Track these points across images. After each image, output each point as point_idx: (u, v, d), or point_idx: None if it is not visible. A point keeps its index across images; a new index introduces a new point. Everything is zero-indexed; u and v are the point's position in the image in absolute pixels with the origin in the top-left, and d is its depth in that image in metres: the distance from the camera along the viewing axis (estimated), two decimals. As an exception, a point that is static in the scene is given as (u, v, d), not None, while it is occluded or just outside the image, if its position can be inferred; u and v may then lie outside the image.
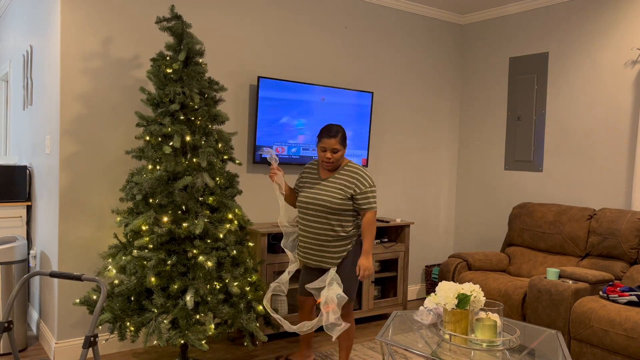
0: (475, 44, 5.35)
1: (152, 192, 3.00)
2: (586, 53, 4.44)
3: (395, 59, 4.97)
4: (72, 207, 3.43)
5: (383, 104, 4.93)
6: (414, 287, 5.29)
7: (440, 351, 2.54)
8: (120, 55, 3.56)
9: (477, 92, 5.34)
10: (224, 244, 3.09)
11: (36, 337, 3.87)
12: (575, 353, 3.39)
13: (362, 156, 4.63)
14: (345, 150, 3.12)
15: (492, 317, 2.59)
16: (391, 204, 5.04)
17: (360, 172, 3.09)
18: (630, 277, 3.73)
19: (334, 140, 3.06)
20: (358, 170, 3.10)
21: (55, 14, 3.44)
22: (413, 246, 5.26)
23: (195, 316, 2.96)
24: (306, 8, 4.39)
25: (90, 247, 3.50)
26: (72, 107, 3.40)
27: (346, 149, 3.03)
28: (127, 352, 3.64)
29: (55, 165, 3.46)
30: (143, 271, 2.93)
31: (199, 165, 3.08)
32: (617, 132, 4.22)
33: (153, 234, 2.95)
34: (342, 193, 3.05)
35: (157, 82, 3.11)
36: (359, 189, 3.05)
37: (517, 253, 4.47)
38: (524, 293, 3.77)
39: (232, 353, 3.69)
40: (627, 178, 4.16)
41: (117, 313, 2.96)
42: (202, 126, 3.15)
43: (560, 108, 4.61)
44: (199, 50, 3.17)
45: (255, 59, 4.14)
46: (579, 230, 4.09)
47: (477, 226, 5.32)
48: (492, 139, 5.18)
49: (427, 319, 2.91)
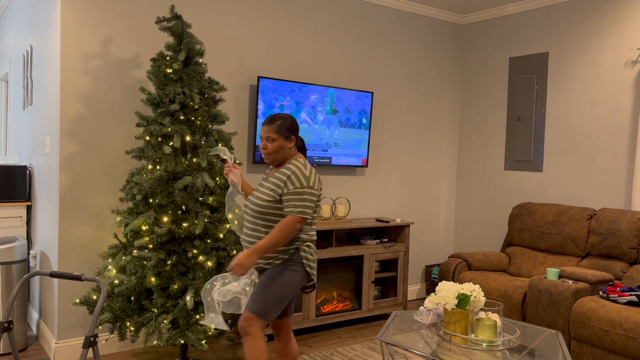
0: (475, 44, 5.35)
1: (152, 192, 3.01)
2: (586, 53, 4.44)
3: (395, 59, 4.97)
4: (72, 207, 3.43)
5: (383, 104, 4.93)
6: (414, 287, 5.29)
7: (440, 351, 2.54)
8: (120, 55, 3.56)
9: (477, 92, 5.34)
10: (224, 244, 3.09)
11: (36, 337, 3.87)
12: (575, 353, 3.39)
13: (362, 156, 4.63)
14: (288, 143, 2.65)
15: (492, 317, 2.59)
16: (391, 204, 5.04)
17: (296, 171, 2.57)
18: (630, 277, 3.73)
19: (269, 127, 2.63)
20: (295, 169, 2.58)
21: (55, 14, 3.44)
22: (413, 246, 5.26)
23: (195, 316, 2.96)
24: (306, 8, 4.39)
25: (90, 247, 3.50)
26: (72, 107, 3.40)
27: (292, 142, 2.66)
28: (127, 352, 3.64)
29: (55, 165, 3.46)
30: (143, 271, 2.94)
31: (199, 165, 3.09)
32: (617, 132, 4.23)
33: (153, 234, 2.95)
34: (271, 194, 2.57)
35: (157, 82, 3.11)
36: (287, 189, 2.54)
37: (517, 253, 4.47)
38: (524, 293, 3.77)
39: (232, 353, 3.69)
40: (627, 178, 4.16)
41: (117, 313, 2.96)
42: (202, 126, 3.15)
43: (560, 108, 4.61)
44: (199, 50, 3.17)
45: (255, 58, 4.14)
46: (579, 230, 4.09)
47: (477, 226, 5.32)
48: (492, 139, 5.18)
49: (427, 319, 2.91)
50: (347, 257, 4.29)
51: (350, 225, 4.22)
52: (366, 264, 4.32)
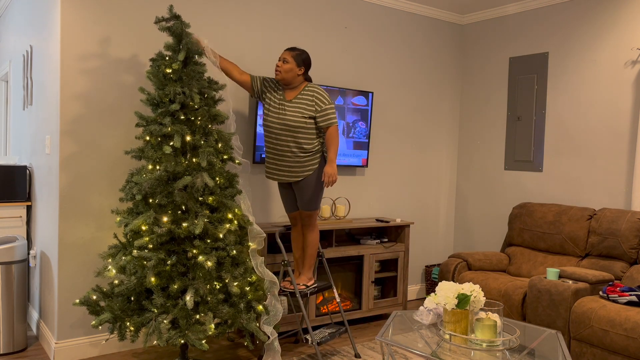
0: (475, 44, 5.35)
1: (152, 192, 3.00)
2: (586, 53, 4.44)
3: (395, 59, 4.97)
4: (72, 207, 3.43)
5: (383, 104, 4.93)
6: (414, 287, 5.29)
7: (440, 351, 2.54)
8: (120, 55, 3.56)
9: (477, 92, 5.34)
10: (223, 244, 3.09)
11: (36, 337, 3.87)
12: (575, 353, 3.39)
13: (362, 156, 4.63)
14: (298, 70, 3.39)
15: (492, 317, 2.59)
16: (391, 204, 5.04)
17: (318, 92, 3.39)
18: (630, 277, 3.73)
19: (288, 52, 3.40)
20: (315, 91, 3.39)
21: (55, 14, 3.44)
22: (413, 246, 5.26)
23: (195, 316, 2.96)
24: (306, 8, 4.39)
25: (90, 247, 3.50)
26: (72, 107, 3.40)
27: (301, 71, 3.41)
28: (127, 352, 3.64)
29: (55, 165, 3.46)
30: (143, 271, 2.94)
31: (199, 165, 3.09)
32: (617, 132, 4.22)
33: (153, 234, 2.95)
34: (304, 113, 3.35)
35: (157, 82, 3.11)
36: (319, 107, 3.35)
37: (517, 253, 4.47)
38: (524, 293, 3.77)
39: (232, 353, 3.69)
40: (627, 178, 4.16)
41: (117, 313, 2.96)
42: (202, 126, 3.15)
43: (560, 108, 4.61)
44: (198, 50, 3.17)
45: (255, 58, 4.14)
46: (579, 230, 4.09)
47: (477, 226, 5.32)
48: (492, 139, 5.18)
49: (427, 319, 2.91)
50: (347, 257, 4.29)
51: (350, 225, 4.22)
52: (366, 264, 4.32)
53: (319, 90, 3.40)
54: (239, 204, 3.28)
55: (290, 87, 3.45)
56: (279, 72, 3.39)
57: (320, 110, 3.36)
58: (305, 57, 3.43)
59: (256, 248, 3.30)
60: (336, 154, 3.37)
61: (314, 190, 3.46)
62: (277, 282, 3.32)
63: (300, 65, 3.40)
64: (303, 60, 3.41)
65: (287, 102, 3.41)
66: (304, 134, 3.37)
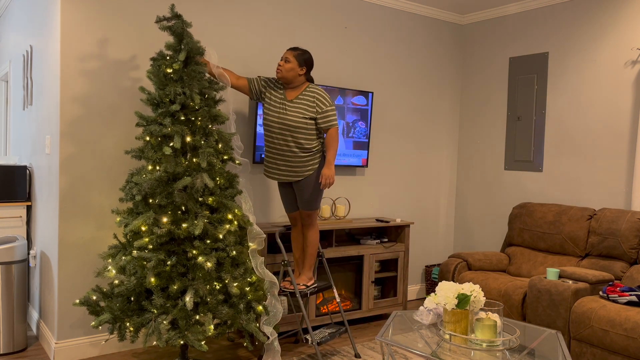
0: (475, 44, 5.35)
1: (152, 192, 3.00)
2: (586, 53, 4.44)
3: (395, 59, 4.97)
4: (72, 207, 3.43)
5: (383, 104, 4.92)
6: (414, 287, 5.29)
7: (440, 351, 2.54)
8: (120, 56, 3.56)
9: (477, 92, 5.34)
10: (223, 245, 3.09)
11: (36, 337, 3.87)
12: (575, 353, 3.39)
13: (362, 156, 4.63)
14: (300, 70, 3.40)
15: (492, 317, 2.59)
16: (391, 204, 5.04)
17: (319, 93, 3.41)
18: (630, 277, 3.73)
19: (290, 51, 3.42)
20: (317, 92, 3.41)
21: (55, 14, 3.44)
22: (413, 246, 5.26)
23: (195, 317, 2.96)
24: (306, 8, 4.39)
25: (90, 247, 3.50)
26: (72, 107, 3.40)
27: (303, 71, 3.42)
28: (126, 352, 3.64)
29: (55, 165, 3.46)
30: (143, 271, 2.93)
31: (199, 166, 3.08)
32: (617, 132, 4.22)
33: (153, 235, 2.95)
34: (305, 114, 3.37)
35: (157, 82, 3.10)
36: (320, 109, 3.37)
37: (517, 253, 4.47)
38: (524, 293, 3.77)
39: (232, 353, 3.69)
40: (627, 178, 4.16)
41: (117, 313, 2.96)
42: (202, 126, 3.15)
43: (560, 108, 4.61)
44: (199, 49, 3.17)
45: (255, 58, 4.14)
46: (579, 230, 4.09)
47: (477, 226, 5.32)
48: (492, 139, 5.18)
49: (427, 319, 2.91)
50: (347, 257, 4.29)
51: (350, 225, 4.22)
52: (366, 264, 4.32)
53: (321, 91, 3.42)
54: (239, 205, 3.28)
55: (291, 86, 3.46)
56: (280, 72, 3.41)
57: (321, 111, 3.38)
58: (307, 57, 3.44)
59: (256, 248, 3.31)
60: (335, 156, 3.40)
61: (314, 190, 3.47)
62: (277, 283, 3.32)
63: (302, 65, 3.42)
64: (305, 60, 3.43)
65: (288, 101, 3.42)
66: (304, 134, 3.38)
